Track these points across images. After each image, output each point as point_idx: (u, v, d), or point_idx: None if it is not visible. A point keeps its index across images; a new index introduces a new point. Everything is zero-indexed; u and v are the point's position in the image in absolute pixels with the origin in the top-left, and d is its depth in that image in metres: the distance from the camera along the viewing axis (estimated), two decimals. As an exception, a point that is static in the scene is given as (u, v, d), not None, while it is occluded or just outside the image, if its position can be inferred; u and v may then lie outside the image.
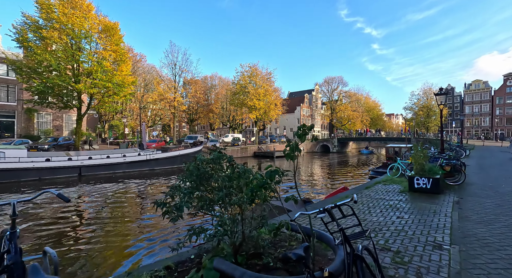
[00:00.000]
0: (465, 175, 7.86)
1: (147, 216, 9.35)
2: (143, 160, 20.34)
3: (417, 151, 7.30)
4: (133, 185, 15.10)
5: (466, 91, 64.17)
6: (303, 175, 20.41)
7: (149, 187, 14.71)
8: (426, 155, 7.40)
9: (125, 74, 20.79)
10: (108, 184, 15.16)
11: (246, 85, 38.06)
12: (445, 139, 35.06)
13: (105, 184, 15.04)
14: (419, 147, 7.47)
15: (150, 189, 14.24)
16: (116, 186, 14.73)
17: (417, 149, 7.46)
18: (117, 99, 21.67)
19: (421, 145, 7.56)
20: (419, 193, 6.84)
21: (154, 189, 14.27)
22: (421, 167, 7.09)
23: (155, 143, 27.43)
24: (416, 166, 7.17)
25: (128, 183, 15.66)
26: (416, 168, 7.19)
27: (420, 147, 7.52)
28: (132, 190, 13.74)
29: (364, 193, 7.32)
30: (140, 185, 15.05)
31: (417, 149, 7.45)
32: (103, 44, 19.50)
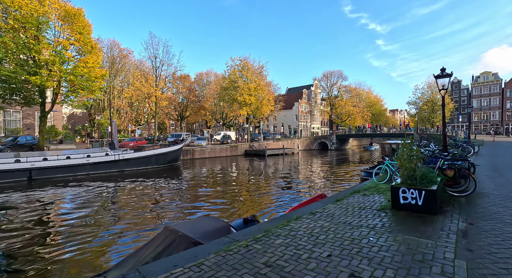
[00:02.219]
0: (475, 181, 5.58)
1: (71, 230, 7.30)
2: (111, 160, 18.38)
3: (405, 148, 5.06)
4: (90, 189, 13.13)
5: (474, 84, 60.81)
6: (285, 176, 18.22)
7: (110, 191, 12.72)
8: (418, 154, 5.14)
9: (91, 67, 18.75)
10: (62, 189, 13.22)
11: (236, 79, 35.84)
12: (450, 134, 32.36)
13: (59, 189, 13.10)
14: (410, 142, 5.23)
15: (109, 194, 12.24)
16: (71, 190, 12.77)
17: (406, 144, 5.22)
18: (83, 94, 19.66)
19: (411, 139, 5.29)
20: (405, 213, 4.61)
21: (114, 194, 12.27)
22: (409, 172, 4.86)
23: (133, 142, 25.52)
24: (403, 172, 4.94)
25: (85, 187, 13.69)
26: (403, 174, 4.95)
27: (411, 140, 5.27)
28: (85, 196, 11.75)
29: (328, 210, 5.13)
30: (97, 189, 13.07)
31: (406, 144, 5.20)
32: (62, 32, 17.48)
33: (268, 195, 12.06)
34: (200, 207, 10.10)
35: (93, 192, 12.68)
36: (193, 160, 28.79)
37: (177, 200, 11.33)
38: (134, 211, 9.61)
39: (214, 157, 31.54)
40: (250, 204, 10.46)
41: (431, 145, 10.90)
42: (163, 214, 9.30)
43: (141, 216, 9.05)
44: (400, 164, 4.95)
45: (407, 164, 4.82)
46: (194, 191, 13.37)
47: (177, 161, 23.83)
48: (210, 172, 20.15)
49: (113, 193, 12.77)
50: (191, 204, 10.63)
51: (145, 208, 9.97)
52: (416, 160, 5.05)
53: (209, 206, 10.17)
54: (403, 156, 4.95)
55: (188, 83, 43.71)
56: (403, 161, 4.87)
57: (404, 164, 4.85)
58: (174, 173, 19.59)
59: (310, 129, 64.98)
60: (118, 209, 9.93)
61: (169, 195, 12.45)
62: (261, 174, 19.37)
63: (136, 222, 8.45)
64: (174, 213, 9.39)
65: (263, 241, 3.62)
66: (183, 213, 9.42)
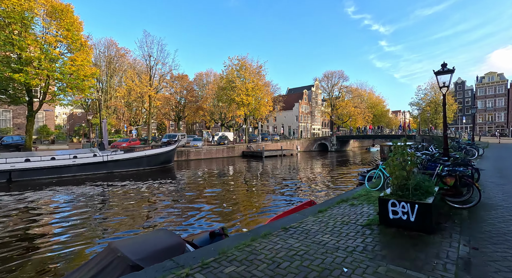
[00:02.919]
0: (480, 191, 4.77)
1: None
2: (99, 161, 17.75)
3: (396, 151, 4.28)
4: (71, 192, 12.47)
5: (478, 85, 59.54)
6: (279, 179, 17.44)
7: (91, 194, 12.03)
8: (413, 159, 4.37)
9: (80, 65, 18.17)
10: (41, 191, 12.58)
11: (233, 79, 35.16)
12: (453, 135, 31.34)
13: (37, 192, 12.46)
14: (402, 143, 4.45)
15: (89, 197, 11.56)
16: (50, 193, 12.12)
17: (397, 147, 4.44)
18: (72, 93, 19.09)
19: (404, 141, 4.49)
20: (395, 231, 3.84)
21: (95, 197, 11.59)
22: (400, 181, 4.08)
23: (126, 142, 24.89)
24: (393, 181, 4.17)
25: (66, 190, 13.04)
26: (393, 183, 4.18)
27: (404, 143, 4.48)
28: (64, 199, 11.08)
29: (305, 224, 4.37)
30: (79, 191, 12.39)
31: (398, 147, 4.42)
32: (49, 29, 16.90)
33: (255, 200, 11.30)
34: (184, 211, 9.38)
35: (73, 195, 12.02)
36: (188, 161, 28.12)
37: (162, 204, 10.62)
38: (112, 216, 8.92)
39: (210, 158, 30.84)
40: (234, 209, 9.71)
41: (431, 147, 10.05)
42: (141, 220, 8.59)
43: (119, 221, 8.35)
44: (389, 171, 4.17)
45: (397, 172, 4.04)
46: (181, 194, 12.66)
47: (170, 162, 23.16)
48: (202, 174, 19.45)
49: (95, 196, 12.09)
50: (175, 209, 9.91)
51: (123, 213, 9.27)
52: (411, 165, 4.27)
53: (193, 212, 9.44)
54: (393, 162, 4.18)
55: (186, 83, 43.10)
56: (393, 168, 4.09)
57: (394, 172, 4.07)
58: (166, 174, 18.91)
59: (310, 131, 64.10)
60: (94, 214, 9.24)
61: (154, 198, 11.75)
62: (254, 177, 18.62)
63: (112, 227, 7.75)
64: (153, 219, 8.67)
65: (211, 268, 2.88)
66: (164, 218, 8.71)
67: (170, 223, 8.32)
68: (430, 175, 5.51)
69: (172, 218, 8.86)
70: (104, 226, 8.10)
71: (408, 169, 4.25)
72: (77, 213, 9.43)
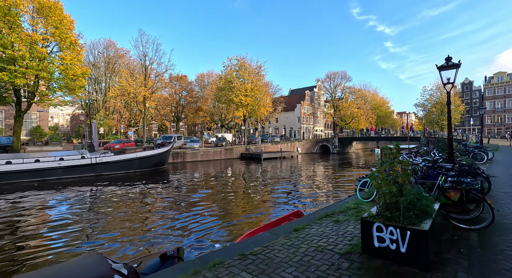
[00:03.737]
0: (493, 210, 3.80)
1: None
2: (87, 164, 17.11)
3: (385, 160, 3.38)
4: (50, 195, 11.79)
5: (487, 85, 57.69)
6: (273, 183, 16.54)
7: (74, 199, 11.33)
8: (407, 169, 3.46)
9: (68, 63, 17.63)
10: (17, 195, 11.92)
11: (232, 80, 34.43)
12: (460, 137, 29.99)
13: (15, 195, 11.81)
14: (395, 149, 3.54)
15: (65, 202, 10.85)
16: (27, 197, 11.45)
17: (388, 152, 3.54)
18: (61, 93, 18.55)
19: (396, 146, 3.58)
20: (380, 264, 2.94)
21: (76, 203, 10.88)
22: (389, 199, 3.18)
23: (120, 144, 24.29)
24: (379, 198, 3.27)
25: (45, 194, 12.37)
26: (379, 200, 3.28)
27: (397, 149, 3.56)
28: (37, 204, 10.39)
29: (270, 250, 3.50)
30: (60, 196, 11.69)
31: (388, 153, 3.52)
32: (35, 26, 16.39)
33: (242, 208, 10.42)
34: (162, 219, 8.57)
35: (49, 199, 11.33)
36: (184, 163, 27.39)
37: (141, 210, 9.82)
38: (82, 223, 8.15)
39: (207, 160, 30.08)
40: (216, 218, 8.84)
41: (433, 151, 9.03)
42: (112, 229, 7.80)
43: (90, 229, 7.58)
44: (375, 185, 3.27)
45: (385, 187, 3.14)
46: (164, 200, 11.86)
47: (163, 164, 22.46)
48: (195, 177, 18.66)
49: (73, 200, 11.38)
50: (154, 215, 9.11)
51: (96, 220, 8.50)
52: (404, 177, 3.37)
53: (171, 220, 8.61)
54: (380, 174, 3.28)
55: (185, 84, 42.53)
56: (380, 182, 3.19)
57: (381, 187, 3.17)
58: (156, 177, 18.18)
59: (313, 132, 62.97)
60: (67, 220, 8.49)
61: (134, 203, 10.97)
62: (247, 181, 17.75)
63: (75, 237, 6.97)
64: (125, 227, 7.87)
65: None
66: (136, 226, 7.90)
67: (139, 233, 7.51)
68: (431, 187, 4.59)
69: (144, 226, 8.04)
70: (71, 236, 7.33)
71: (403, 181, 3.36)
72: (45, 220, 8.69)
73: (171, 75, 41.06)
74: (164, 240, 7.00)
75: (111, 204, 11.09)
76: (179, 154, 28.09)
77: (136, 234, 7.48)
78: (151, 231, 7.69)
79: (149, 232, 7.66)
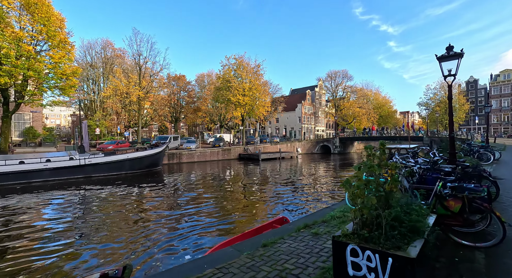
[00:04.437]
0: (505, 225, 3.05)
1: None
2: (75, 165, 16.58)
3: (364, 163, 2.67)
4: (34, 199, 11.23)
5: (493, 83, 56.28)
6: (265, 185, 15.83)
7: (54, 202, 10.76)
8: (395, 174, 2.76)
9: (56, 62, 17.15)
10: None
11: (230, 79, 33.80)
12: (465, 137, 28.96)
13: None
14: (380, 149, 2.84)
15: (50, 206, 10.28)
16: (11, 202, 10.91)
17: (371, 152, 2.84)
18: (48, 92, 18.08)
19: (381, 144, 2.87)
20: (352, 303, 2.24)
21: (56, 206, 10.30)
22: (367, 214, 2.47)
23: (113, 145, 23.78)
24: (355, 214, 2.56)
25: (23, 197, 11.83)
26: (355, 216, 2.58)
27: (382, 148, 2.86)
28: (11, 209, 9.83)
29: (227, 271, 2.82)
30: (40, 199, 11.13)
31: (369, 154, 2.82)
32: (20, 23, 15.91)
33: (228, 213, 9.73)
34: (137, 225, 7.93)
35: (26, 203, 10.77)
36: (179, 164, 26.82)
37: (121, 215, 9.20)
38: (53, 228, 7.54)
39: (204, 161, 29.47)
40: (196, 224, 8.17)
41: (433, 151, 8.25)
42: (82, 237, 7.17)
43: (61, 237, 6.97)
44: (350, 196, 2.57)
45: (360, 198, 2.43)
46: (150, 202, 11.23)
47: (157, 165, 21.89)
48: (188, 179, 18.03)
49: (53, 204, 10.81)
50: (127, 224, 8.47)
51: (68, 227, 7.89)
52: (392, 184, 2.68)
53: (147, 227, 7.97)
54: (358, 181, 2.57)
55: (183, 84, 42.02)
56: (356, 192, 2.49)
57: (357, 198, 2.47)
58: (148, 179, 17.59)
59: (314, 132, 62.06)
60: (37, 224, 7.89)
61: (116, 208, 10.36)
62: (241, 182, 17.06)
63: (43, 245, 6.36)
64: (95, 235, 7.25)
65: None
66: (105, 232, 7.27)
67: (102, 241, 6.86)
68: (426, 194, 3.87)
69: (112, 233, 7.40)
70: (39, 242, 6.72)
71: (387, 189, 2.66)
72: (15, 226, 8.10)
73: (169, 75, 40.67)
74: (127, 251, 6.34)
75: (90, 207, 10.49)
76: (175, 155, 27.52)
77: (99, 242, 6.83)
78: (117, 240, 7.03)
79: (114, 240, 6.99)
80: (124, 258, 5.93)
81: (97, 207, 10.59)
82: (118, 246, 6.61)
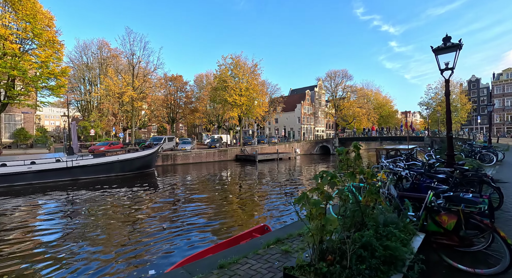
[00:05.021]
0: (511, 247, 2.42)
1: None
2: (62, 167, 16.05)
3: (320, 174, 2.08)
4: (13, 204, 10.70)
5: (495, 83, 55.39)
6: (257, 187, 15.21)
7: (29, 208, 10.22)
8: (373, 187, 2.17)
9: (43, 61, 16.67)
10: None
11: (226, 79, 33.27)
12: (467, 137, 28.21)
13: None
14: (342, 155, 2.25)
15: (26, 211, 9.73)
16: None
17: (343, 157, 2.32)
18: (34, 92, 17.59)
19: (355, 147, 2.29)
20: None
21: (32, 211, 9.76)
22: (326, 240, 1.88)
23: (105, 146, 23.26)
24: (308, 239, 1.96)
25: (3, 203, 11.30)
26: (311, 242, 1.98)
27: (356, 151, 2.33)
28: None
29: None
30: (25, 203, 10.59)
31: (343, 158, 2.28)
32: (3, 19, 15.42)
33: (210, 220, 9.13)
34: (109, 230, 7.36)
35: (6, 207, 10.22)
36: (174, 166, 26.27)
37: (99, 221, 8.63)
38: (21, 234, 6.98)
39: (199, 162, 28.90)
40: (174, 232, 7.58)
41: (429, 153, 7.60)
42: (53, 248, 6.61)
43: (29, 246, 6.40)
44: (307, 215, 1.98)
45: (317, 219, 1.84)
46: (133, 206, 10.66)
47: (149, 167, 21.32)
48: (180, 181, 17.47)
49: (30, 209, 10.26)
50: (103, 229, 7.90)
51: (34, 234, 7.33)
52: (367, 199, 2.10)
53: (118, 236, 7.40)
54: (320, 196, 1.98)
55: (180, 84, 41.50)
56: (312, 210, 1.89)
57: (313, 219, 1.87)
58: (139, 181, 17.02)
59: (314, 133, 61.39)
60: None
61: (101, 210, 9.79)
62: (232, 185, 16.47)
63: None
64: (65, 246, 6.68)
65: None
66: (74, 241, 6.70)
67: (65, 252, 6.28)
68: (416, 205, 3.26)
69: (78, 243, 6.82)
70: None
71: (362, 204, 2.07)
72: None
73: (165, 76, 40.18)
74: (86, 262, 5.76)
75: (67, 210, 9.93)
76: (169, 156, 26.97)
77: (61, 253, 6.25)
78: (80, 250, 6.45)
79: (75, 251, 6.41)
80: (85, 268, 5.35)
81: (75, 211, 10.03)
82: (79, 257, 6.03)
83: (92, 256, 6.10)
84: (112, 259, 5.91)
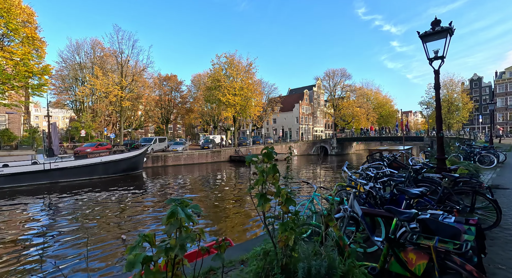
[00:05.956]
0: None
1: None
2: (38, 170, 15.29)
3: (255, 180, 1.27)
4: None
5: (498, 81, 54.16)
6: (242, 192, 14.35)
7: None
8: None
9: (21, 58, 15.93)
10: None
11: (219, 78, 32.48)
12: (467, 137, 27.16)
13: None
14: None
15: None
16: None
17: (258, 168, 1.48)
18: (11, 92, 16.87)
19: (266, 154, 1.45)
20: None
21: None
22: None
23: (92, 147, 22.49)
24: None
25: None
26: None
27: (267, 160, 1.46)
28: None
29: None
30: None
31: (258, 170, 1.43)
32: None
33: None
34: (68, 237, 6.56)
35: None
36: (165, 168, 25.48)
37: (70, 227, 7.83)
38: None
39: (191, 164, 28.09)
40: (128, 244, 6.76)
41: (414, 158, 6.71)
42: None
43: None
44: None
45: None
46: (105, 211, 9.85)
47: (136, 169, 20.54)
48: (166, 184, 16.65)
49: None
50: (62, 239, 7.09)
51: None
52: (288, 237, 1.42)
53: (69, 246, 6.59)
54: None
55: (174, 84, 40.76)
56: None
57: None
58: (121, 184, 16.21)
59: (312, 133, 60.44)
60: None
61: (70, 215, 8.99)
62: (217, 188, 15.62)
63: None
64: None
65: None
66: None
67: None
68: (387, 224, 2.40)
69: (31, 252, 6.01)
70: None
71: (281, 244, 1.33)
72: None
73: (160, 75, 39.47)
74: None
75: (36, 217, 9.13)
76: (159, 157, 26.20)
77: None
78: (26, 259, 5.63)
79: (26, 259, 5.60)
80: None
81: (45, 216, 9.23)
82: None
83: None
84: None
